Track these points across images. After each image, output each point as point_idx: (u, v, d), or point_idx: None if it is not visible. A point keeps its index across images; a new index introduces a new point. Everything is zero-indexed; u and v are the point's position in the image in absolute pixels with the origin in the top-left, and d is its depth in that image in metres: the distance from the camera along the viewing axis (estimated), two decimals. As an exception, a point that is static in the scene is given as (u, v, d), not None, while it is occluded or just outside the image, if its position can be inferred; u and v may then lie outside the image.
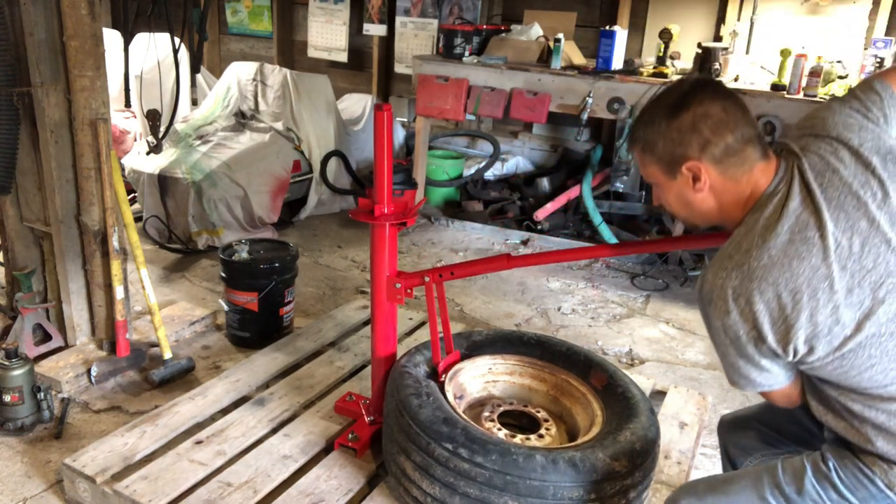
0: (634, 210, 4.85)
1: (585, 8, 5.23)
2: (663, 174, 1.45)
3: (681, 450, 2.46)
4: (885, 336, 1.29)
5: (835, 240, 1.29)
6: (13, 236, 2.96)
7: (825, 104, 1.51)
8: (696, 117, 1.37)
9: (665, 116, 1.40)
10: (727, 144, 1.37)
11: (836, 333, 1.29)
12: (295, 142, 4.84)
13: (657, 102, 1.44)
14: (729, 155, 1.38)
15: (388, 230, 2.17)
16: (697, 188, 1.41)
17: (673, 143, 1.39)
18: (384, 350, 2.33)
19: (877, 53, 3.92)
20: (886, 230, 1.30)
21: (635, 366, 3.30)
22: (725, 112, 1.37)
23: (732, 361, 1.42)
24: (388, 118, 2.02)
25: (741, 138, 1.37)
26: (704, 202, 1.44)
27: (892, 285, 1.28)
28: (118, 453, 2.26)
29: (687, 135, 1.38)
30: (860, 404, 1.36)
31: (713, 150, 1.37)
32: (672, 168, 1.42)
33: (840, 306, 1.28)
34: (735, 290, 1.33)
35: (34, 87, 2.64)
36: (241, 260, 3.13)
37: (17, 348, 2.54)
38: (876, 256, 1.29)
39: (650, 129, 1.43)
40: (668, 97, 1.42)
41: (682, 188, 1.44)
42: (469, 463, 1.84)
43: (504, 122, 5.62)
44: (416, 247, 4.67)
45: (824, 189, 1.33)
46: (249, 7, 6.64)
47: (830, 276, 1.28)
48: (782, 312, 1.30)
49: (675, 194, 1.46)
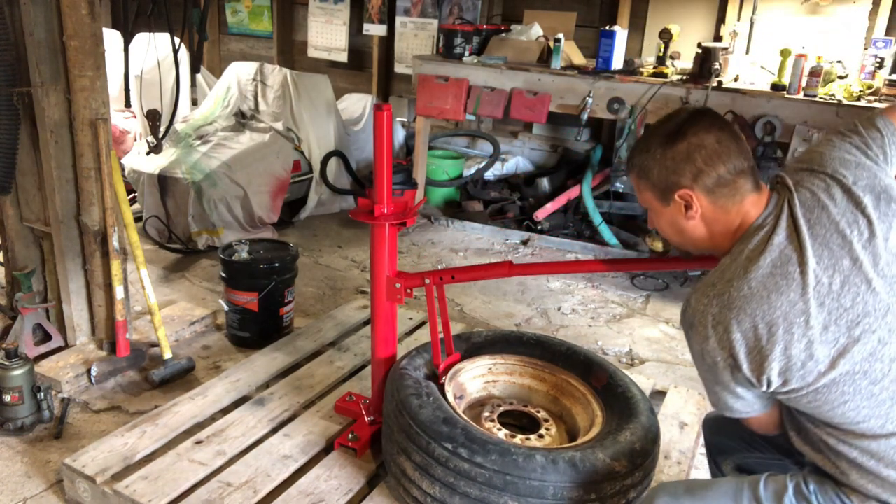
0: (634, 210, 4.85)
1: (585, 8, 5.23)
2: (657, 200, 1.49)
3: (681, 450, 2.46)
4: (859, 374, 1.31)
5: (815, 276, 1.32)
6: (13, 236, 2.96)
7: (827, 137, 1.52)
8: (691, 147, 1.41)
9: (661, 144, 1.44)
10: (719, 175, 1.40)
11: (809, 368, 1.31)
12: (295, 142, 4.84)
13: (655, 131, 1.48)
14: (720, 185, 1.41)
15: (388, 230, 2.17)
16: (689, 216, 1.45)
17: (667, 170, 1.44)
18: (384, 350, 2.33)
19: (877, 53, 3.92)
20: (868, 270, 1.32)
21: (635, 366, 3.30)
22: (720, 143, 1.41)
23: (710, 386, 1.47)
24: (388, 118, 2.02)
25: (733, 170, 1.41)
26: (695, 230, 1.48)
27: (868, 325, 1.30)
28: (118, 453, 2.26)
29: (681, 163, 1.42)
30: (835, 438, 1.38)
31: (705, 179, 1.41)
32: (665, 195, 1.46)
33: (815, 342, 1.30)
34: (714, 317, 1.36)
35: (34, 87, 2.64)
36: (241, 260, 3.13)
37: (17, 348, 2.54)
38: (855, 296, 1.31)
39: (646, 156, 1.47)
40: (666, 126, 1.46)
41: (674, 215, 1.48)
42: (469, 463, 1.84)
43: (504, 122, 5.62)
44: (416, 247, 4.67)
45: (811, 226, 1.35)
46: (249, 7, 6.64)
47: (807, 312, 1.30)
48: (758, 343, 1.32)
49: (668, 221, 1.51)
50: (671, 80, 4.08)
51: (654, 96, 4.03)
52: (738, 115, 3.82)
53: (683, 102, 3.96)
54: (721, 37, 4.69)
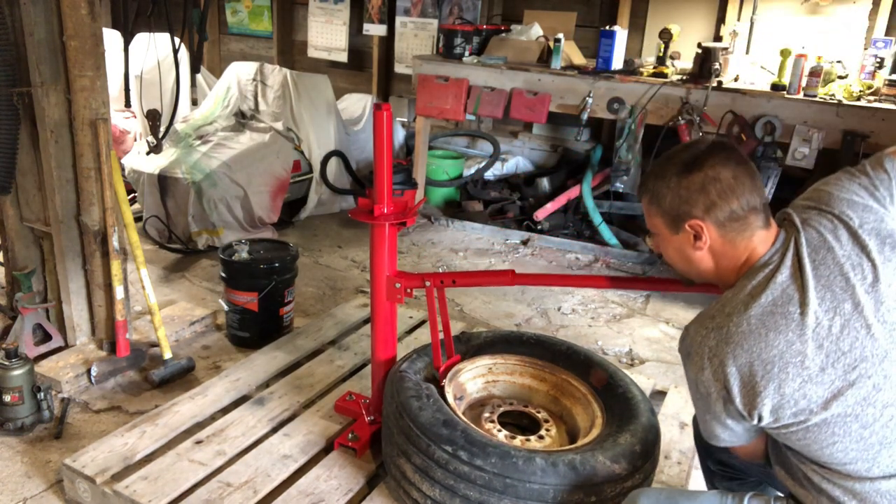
0: (634, 210, 4.85)
1: (585, 8, 5.23)
2: (667, 227, 1.50)
3: (681, 450, 2.46)
4: (851, 418, 1.31)
5: (815, 318, 1.32)
6: (13, 236, 2.96)
7: (835, 176, 1.52)
8: (707, 179, 1.42)
9: (677, 173, 1.45)
10: (731, 210, 1.41)
11: (801, 407, 1.32)
12: (295, 142, 4.84)
13: (672, 158, 1.49)
14: (732, 220, 1.42)
15: (388, 230, 2.17)
16: (697, 246, 1.46)
17: (680, 199, 1.44)
18: (384, 349, 2.33)
19: (877, 53, 3.92)
20: (869, 315, 1.32)
21: (635, 366, 3.30)
22: (735, 179, 1.41)
23: (701, 415, 1.49)
24: (387, 118, 2.02)
25: (746, 206, 1.42)
26: (702, 261, 1.49)
27: (864, 370, 1.31)
28: (118, 453, 2.26)
29: (695, 194, 1.43)
30: (819, 476, 1.39)
31: (718, 213, 1.42)
32: (676, 223, 1.47)
33: (809, 383, 1.31)
34: (711, 349, 1.38)
35: (34, 87, 2.64)
36: (241, 260, 3.13)
37: (17, 348, 2.54)
38: (854, 340, 1.32)
39: (661, 182, 1.48)
40: (683, 154, 1.47)
41: (682, 244, 1.49)
42: (469, 466, 1.84)
43: (504, 122, 5.62)
44: (416, 247, 4.67)
45: (816, 266, 1.36)
46: (249, 7, 6.64)
47: (804, 353, 1.31)
48: (752, 379, 1.34)
49: (676, 248, 1.52)
50: (671, 80, 4.08)
51: (654, 96, 4.03)
52: (738, 115, 3.82)
53: (683, 102, 3.97)
54: (721, 37, 4.69)
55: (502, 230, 4.88)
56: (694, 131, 4.00)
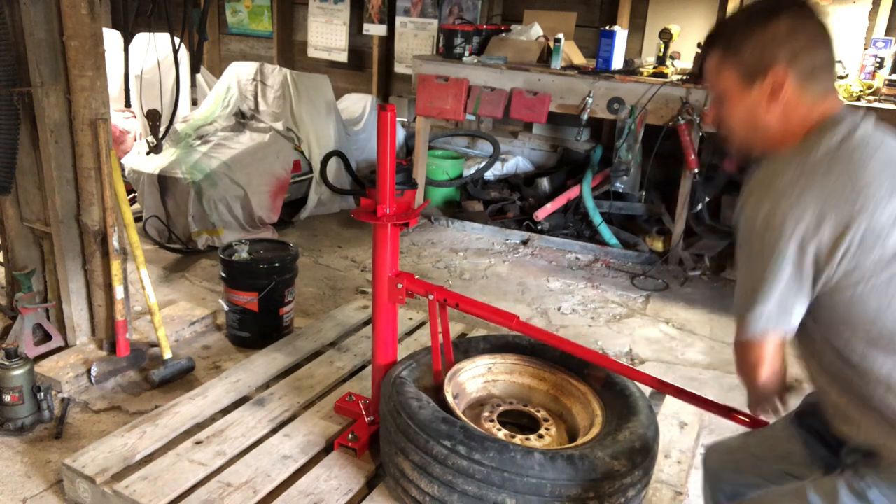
0: (634, 210, 4.85)
1: (585, 8, 5.23)
2: (740, 83, 1.36)
3: (681, 449, 2.46)
4: None
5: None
6: (13, 236, 2.96)
7: None
8: (795, 25, 1.31)
9: (759, 20, 1.32)
10: (815, 61, 1.32)
11: (889, 246, 1.21)
12: (295, 142, 4.84)
13: (748, 9, 1.36)
14: (815, 72, 1.32)
15: (391, 230, 2.17)
16: (772, 102, 1.33)
17: (763, 48, 1.31)
18: (385, 350, 2.33)
19: (877, 53, 3.92)
20: None
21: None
22: (819, 28, 1.33)
23: (749, 279, 1.31)
24: (391, 118, 2.02)
25: (828, 61, 1.33)
26: (771, 122, 1.35)
27: None
28: (118, 453, 2.26)
29: (781, 40, 1.31)
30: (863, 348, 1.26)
31: (802, 62, 1.31)
32: (753, 76, 1.34)
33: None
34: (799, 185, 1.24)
35: (34, 87, 2.64)
36: (241, 260, 3.13)
37: (17, 348, 2.54)
38: None
39: (739, 31, 1.35)
40: (762, 4, 1.35)
41: (755, 102, 1.35)
42: (467, 460, 1.84)
43: (504, 122, 5.62)
44: (416, 247, 4.67)
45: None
46: (249, 7, 6.64)
47: None
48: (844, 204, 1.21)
49: (746, 108, 1.37)
50: (671, 80, 4.08)
51: (654, 96, 4.03)
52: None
53: (683, 102, 3.97)
54: (721, 37, 4.68)
55: (502, 230, 4.89)
56: (694, 131, 4.00)
